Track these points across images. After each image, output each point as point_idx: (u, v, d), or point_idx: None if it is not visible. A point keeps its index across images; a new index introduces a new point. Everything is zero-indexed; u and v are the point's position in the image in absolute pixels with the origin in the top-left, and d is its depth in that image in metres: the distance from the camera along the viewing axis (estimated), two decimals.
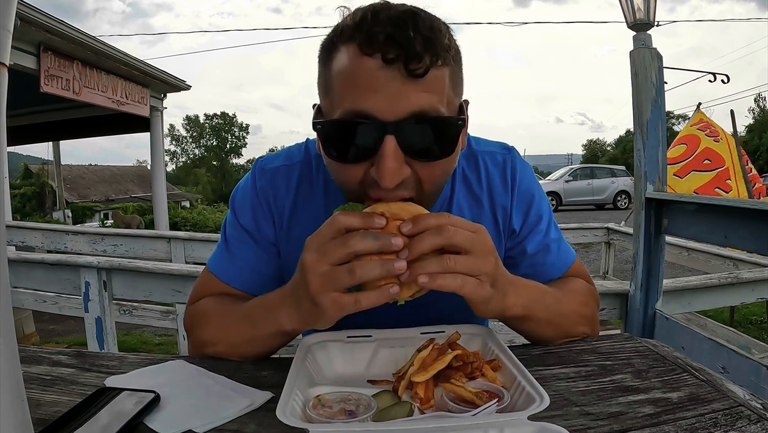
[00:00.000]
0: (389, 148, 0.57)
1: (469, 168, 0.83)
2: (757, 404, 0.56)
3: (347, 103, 0.59)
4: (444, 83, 0.60)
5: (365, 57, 0.57)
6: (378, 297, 0.56)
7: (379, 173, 0.59)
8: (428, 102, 0.58)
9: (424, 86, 0.58)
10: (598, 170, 17.29)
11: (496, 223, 0.83)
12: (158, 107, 8.03)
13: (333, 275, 0.56)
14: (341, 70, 0.60)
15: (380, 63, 0.57)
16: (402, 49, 0.56)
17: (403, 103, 0.57)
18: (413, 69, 0.56)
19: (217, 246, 0.85)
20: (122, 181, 24.68)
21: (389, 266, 0.55)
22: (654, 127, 1.76)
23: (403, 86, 0.57)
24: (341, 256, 0.56)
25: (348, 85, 0.59)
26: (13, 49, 0.59)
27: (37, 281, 2.64)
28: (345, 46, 0.60)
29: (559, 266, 0.85)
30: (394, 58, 0.56)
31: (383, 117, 0.57)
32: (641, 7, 1.77)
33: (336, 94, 0.61)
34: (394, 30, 0.56)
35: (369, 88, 0.57)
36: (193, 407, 0.56)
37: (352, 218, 0.57)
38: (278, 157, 0.83)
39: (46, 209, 16.11)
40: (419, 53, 0.56)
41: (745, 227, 1.42)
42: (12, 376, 0.38)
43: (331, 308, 0.57)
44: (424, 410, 0.54)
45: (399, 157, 0.58)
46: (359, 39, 0.58)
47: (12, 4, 0.39)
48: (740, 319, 4.30)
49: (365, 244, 0.55)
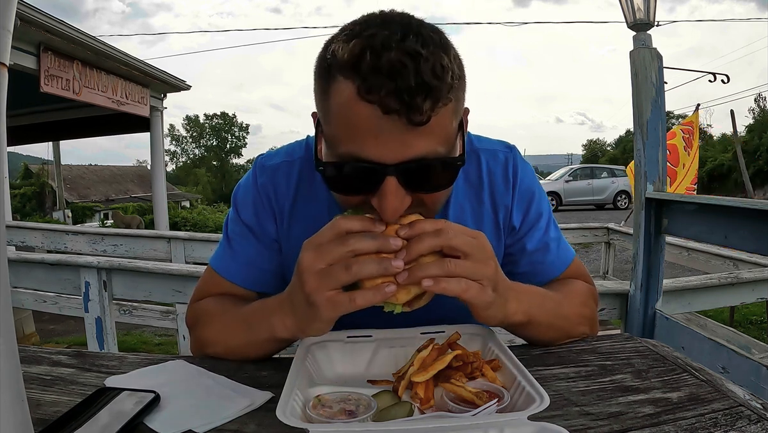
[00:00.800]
0: (390, 187, 0.57)
1: (471, 165, 0.83)
2: (757, 404, 0.56)
3: (348, 146, 0.58)
4: (446, 122, 0.59)
5: (365, 103, 0.55)
6: (374, 295, 0.55)
7: (381, 209, 0.59)
8: (429, 146, 0.57)
9: (425, 132, 0.56)
10: (598, 170, 17.29)
11: (497, 220, 0.83)
12: (158, 107, 8.03)
13: (329, 273, 0.56)
14: (340, 108, 0.57)
15: (380, 112, 0.54)
16: (403, 102, 0.53)
17: (404, 150, 0.56)
18: (415, 120, 0.54)
19: (219, 244, 0.85)
20: (122, 181, 24.68)
21: (386, 263, 0.55)
22: (654, 127, 1.76)
23: (404, 136, 0.56)
24: (339, 255, 0.56)
25: (349, 128, 0.57)
26: (13, 49, 0.59)
27: (37, 281, 2.64)
28: (344, 81, 0.56)
29: (558, 265, 0.85)
30: (395, 110, 0.54)
31: (384, 161, 0.57)
32: (641, 7, 1.78)
33: (337, 131, 0.59)
34: (396, 82, 0.53)
35: (369, 135, 0.56)
36: (193, 407, 0.57)
37: (352, 222, 0.58)
38: (279, 154, 0.84)
39: (46, 209, 16.11)
40: (420, 106, 0.54)
41: (745, 227, 1.42)
42: (12, 376, 0.38)
43: (325, 306, 0.56)
44: (424, 410, 0.54)
45: (400, 194, 0.58)
46: (357, 83, 0.54)
47: (12, 4, 0.39)
48: (740, 319, 4.30)
49: (363, 243, 0.56)
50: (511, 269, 0.86)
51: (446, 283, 0.56)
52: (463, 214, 0.82)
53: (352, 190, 0.62)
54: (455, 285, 0.56)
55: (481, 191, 0.82)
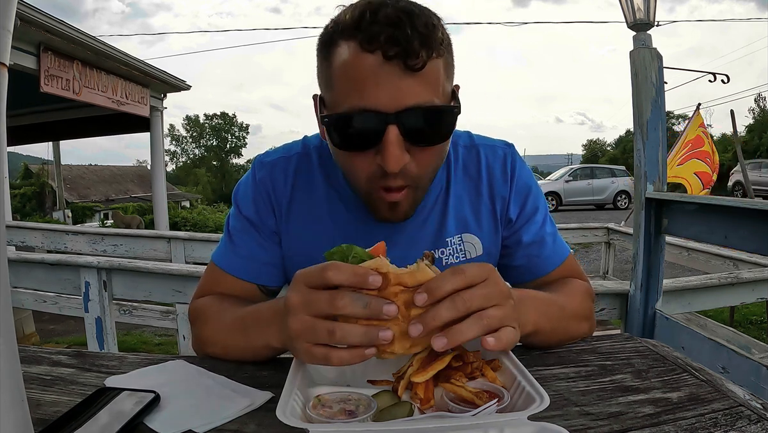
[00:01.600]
0: (392, 137, 0.62)
1: (470, 159, 0.86)
2: (757, 404, 0.56)
3: (352, 98, 0.63)
4: (439, 74, 0.65)
5: (366, 54, 0.61)
6: (351, 358, 0.52)
7: (384, 159, 0.63)
8: (425, 94, 0.63)
9: (421, 80, 0.62)
10: (598, 170, 17.28)
11: (494, 211, 0.85)
12: (158, 107, 8.03)
13: (312, 327, 0.52)
14: (343, 65, 0.63)
15: (381, 60, 0.60)
16: (401, 47, 0.60)
17: (402, 97, 0.61)
18: (412, 65, 0.60)
19: (220, 240, 0.87)
20: (122, 181, 24.68)
21: (373, 334, 0.50)
22: (654, 127, 1.76)
23: (402, 81, 0.61)
24: (325, 313, 0.52)
25: (351, 80, 0.63)
26: (13, 49, 0.59)
27: (37, 281, 2.64)
28: (345, 43, 0.63)
29: (554, 259, 0.86)
30: (394, 55, 0.60)
31: (385, 109, 0.62)
32: (641, 7, 1.78)
33: (339, 88, 0.64)
34: (393, 30, 0.60)
35: (371, 83, 0.61)
36: (193, 407, 0.56)
37: (343, 276, 0.51)
38: (276, 152, 0.87)
39: (46, 209, 16.11)
40: (416, 50, 0.60)
41: (745, 227, 1.42)
42: (12, 376, 0.38)
43: (303, 354, 0.55)
44: (424, 410, 0.54)
45: (401, 144, 0.63)
46: (360, 37, 0.61)
47: (12, 4, 0.39)
48: (740, 319, 4.30)
49: (353, 309, 0.50)
50: (507, 262, 0.87)
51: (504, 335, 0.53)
52: (461, 204, 0.84)
53: (357, 145, 0.65)
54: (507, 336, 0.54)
55: (479, 184, 0.85)
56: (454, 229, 0.84)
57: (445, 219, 0.84)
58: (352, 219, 0.83)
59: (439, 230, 0.84)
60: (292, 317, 0.54)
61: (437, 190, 0.84)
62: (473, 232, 0.85)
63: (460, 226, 0.85)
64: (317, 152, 0.85)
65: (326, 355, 0.53)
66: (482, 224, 0.86)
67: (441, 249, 0.84)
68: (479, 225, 0.85)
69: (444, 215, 0.84)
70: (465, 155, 0.86)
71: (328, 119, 0.66)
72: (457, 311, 0.51)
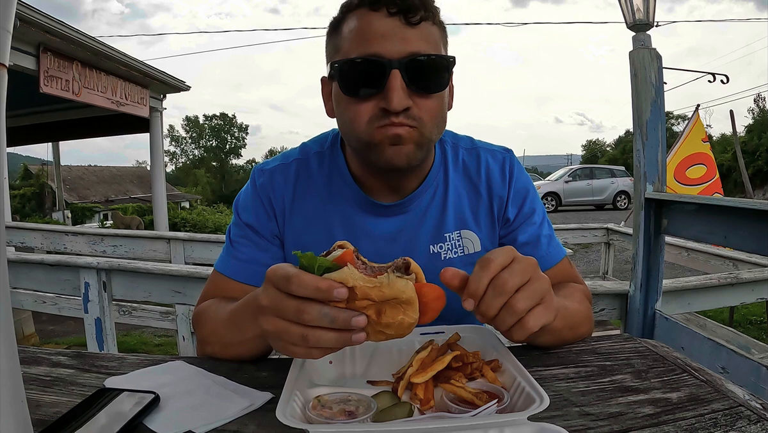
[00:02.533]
0: (396, 79, 0.70)
1: (471, 161, 0.90)
2: (757, 404, 0.56)
3: (360, 48, 0.72)
4: (436, 37, 0.75)
5: (372, 13, 0.72)
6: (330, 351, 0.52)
7: (388, 99, 0.70)
8: (424, 45, 0.73)
9: (420, 34, 0.73)
10: (598, 171, 17.27)
11: (492, 211, 0.89)
12: (158, 108, 8.02)
13: (286, 331, 0.52)
14: (353, 28, 0.74)
15: (385, 14, 0.72)
16: (402, 3, 0.71)
17: (404, 45, 0.71)
18: (410, 18, 0.71)
19: (222, 250, 0.88)
20: (122, 181, 24.67)
21: (345, 338, 0.50)
22: (653, 128, 1.76)
23: (404, 32, 0.72)
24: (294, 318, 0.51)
25: (359, 35, 0.73)
26: (12, 50, 0.59)
27: (37, 282, 2.64)
28: (353, 13, 0.75)
29: (547, 260, 0.87)
30: (396, 11, 0.71)
31: (389, 56, 0.71)
32: (641, 8, 1.78)
33: (348, 45, 0.74)
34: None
35: (376, 34, 0.71)
36: (192, 408, 0.56)
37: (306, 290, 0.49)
38: (275, 160, 0.91)
39: (45, 210, 16.10)
40: (416, 6, 0.72)
41: (745, 227, 1.42)
42: (12, 376, 0.38)
43: (282, 351, 0.54)
44: (424, 411, 0.54)
45: (403, 87, 0.71)
46: (367, 2, 0.73)
47: (12, 5, 0.39)
48: (740, 319, 4.30)
49: (320, 324, 0.50)
50: None
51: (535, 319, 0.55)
52: (461, 202, 0.88)
53: (363, 87, 0.73)
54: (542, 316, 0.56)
55: (479, 184, 0.89)
56: (453, 225, 0.87)
57: (444, 215, 0.87)
58: (354, 217, 0.84)
59: (438, 225, 0.86)
60: (264, 318, 0.53)
61: (435, 186, 0.87)
62: (471, 229, 0.88)
63: (459, 222, 0.87)
64: (317, 158, 0.88)
65: (306, 353, 0.52)
66: (480, 222, 0.88)
67: (440, 244, 0.86)
68: (477, 223, 0.88)
69: (443, 212, 0.87)
70: (466, 157, 0.90)
71: (338, 64, 0.73)
72: (504, 296, 0.54)
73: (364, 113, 0.73)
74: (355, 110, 0.74)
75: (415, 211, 0.85)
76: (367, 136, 0.74)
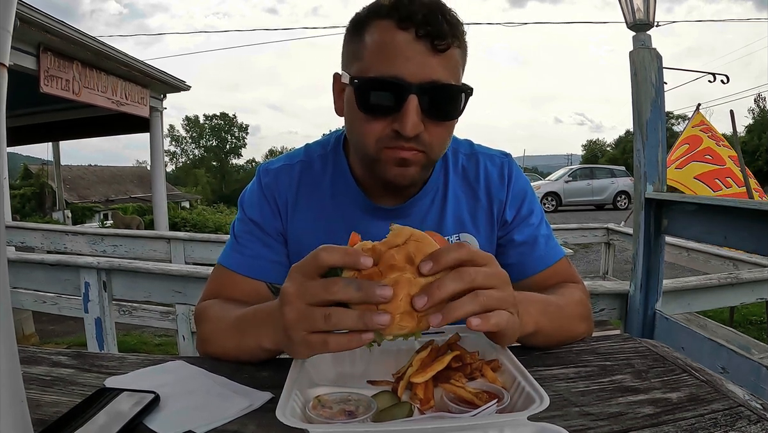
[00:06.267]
0: (412, 105, 0.69)
1: (470, 166, 0.91)
2: (757, 404, 0.56)
3: (381, 66, 0.70)
4: (458, 62, 0.74)
5: (400, 31, 0.69)
6: (348, 342, 0.52)
7: (403, 124, 0.70)
8: (445, 74, 0.71)
9: (444, 61, 0.71)
10: (598, 171, 17.27)
11: (491, 214, 0.89)
12: (158, 108, 8.03)
13: (308, 315, 0.53)
14: (377, 40, 0.71)
15: (413, 37, 0.69)
16: (432, 27, 0.69)
17: (426, 71, 0.69)
18: (438, 45, 0.69)
19: (226, 245, 0.89)
20: (122, 181, 24.66)
21: (368, 318, 0.50)
22: (654, 128, 1.76)
23: (428, 58, 0.70)
24: (320, 300, 0.52)
25: (383, 52, 0.70)
26: (13, 50, 0.59)
27: (37, 282, 2.64)
28: (380, 21, 0.71)
29: (545, 259, 0.88)
30: (425, 34, 0.69)
31: (410, 80, 0.69)
32: (641, 8, 1.78)
33: (370, 58, 0.71)
34: (428, 12, 0.69)
35: (401, 56, 0.69)
36: (193, 408, 0.56)
37: (336, 256, 0.52)
38: (279, 160, 0.92)
39: (45, 210, 16.09)
40: (444, 34, 0.69)
41: (745, 227, 1.42)
42: (12, 376, 0.38)
43: (300, 345, 0.55)
44: (424, 411, 0.54)
45: (419, 113, 0.70)
46: (396, 16, 0.69)
47: (12, 5, 0.39)
48: (740, 319, 4.30)
49: (347, 294, 0.51)
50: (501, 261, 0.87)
51: (497, 317, 0.54)
52: (459, 205, 0.89)
53: (379, 108, 0.71)
54: (499, 319, 0.54)
55: (477, 189, 0.90)
56: (452, 228, 0.88)
57: (443, 219, 0.88)
58: (356, 219, 0.85)
59: (437, 229, 0.87)
60: (288, 307, 0.54)
61: (435, 191, 0.88)
62: (470, 232, 0.89)
63: (458, 225, 0.88)
64: (321, 160, 0.88)
65: (324, 340, 0.53)
66: (479, 225, 0.89)
67: None
68: (476, 226, 0.89)
69: (442, 215, 0.88)
70: (465, 162, 0.91)
71: (358, 81, 0.72)
72: (462, 283, 0.52)
73: (376, 131, 0.73)
74: (367, 126, 0.73)
75: (415, 215, 0.86)
76: (375, 153, 0.75)
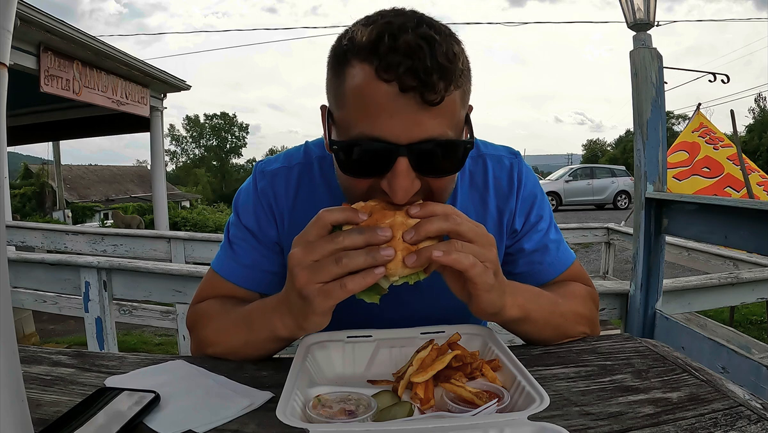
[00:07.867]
0: (402, 168, 0.59)
1: (477, 170, 0.85)
2: (757, 404, 0.56)
3: (363, 125, 0.59)
4: (455, 106, 0.61)
5: (382, 83, 0.57)
6: (364, 278, 0.56)
7: (392, 190, 0.60)
8: (439, 128, 0.59)
9: (437, 113, 0.59)
10: (598, 170, 17.26)
11: (501, 223, 0.85)
12: (158, 107, 8.03)
13: (319, 266, 0.56)
14: (356, 89, 0.59)
15: (396, 90, 0.57)
16: (419, 79, 0.56)
17: (416, 129, 0.58)
18: (429, 99, 0.57)
19: (220, 247, 0.87)
20: (122, 181, 24.66)
21: (375, 253, 0.55)
22: (654, 128, 1.76)
23: (417, 114, 0.58)
24: (328, 252, 0.56)
25: (364, 108, 0.59)
26: (13, 49, 0.59)
27: (37, 281, 2.64)
28: (360, 64, 0.59)
29: (557, 266, 0.86)
30: (411, 88, 0.56)
31: (397, 141, 0.58)
32: (641, 7, 1.77)
33: (351, 112, 0.61)
34: (413, 61, 0.56)
35: (385, 113, 0.58)
36: (193, 407, 0.57)
37: (336, 214, 0.59)
38: (278, 160, 0.86)
39: (46, 209, 16.09)
40: (435, 84, 0.56)
41: (745, 227, 1.42)
42: (12, 376, 0.38)
43: (318, 297, 0.57)
44: (424, 410, 0.54)
45: (410, 175, 0.60)
46: (376, 64, 0.57)
47: (12, 4, 0.39)
48: (740, 319, 4.30)
49: (352, 239, 0.56)
50: (510, 270, 0.87)
51: (456, 255, 0.57)
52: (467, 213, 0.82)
53: (365, 172, 0.62)
54: (464, 258, 0.57)
55: (486, 195, 0.85)
56: None
57: None
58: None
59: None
60: (297, 268, 0.58)
61: None
62: None
63: None
64: (319, 162, 0.84)
65: (341, 283, 0.56)
66: None
67: None
68: None
69: None
70: (471, 166, 0.85)
71: (338, 145, 0.62)
72: (447, 224, 0.58)
73: (363, 188, 0.64)
74: (355, 185, 0.65)
75: None
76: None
